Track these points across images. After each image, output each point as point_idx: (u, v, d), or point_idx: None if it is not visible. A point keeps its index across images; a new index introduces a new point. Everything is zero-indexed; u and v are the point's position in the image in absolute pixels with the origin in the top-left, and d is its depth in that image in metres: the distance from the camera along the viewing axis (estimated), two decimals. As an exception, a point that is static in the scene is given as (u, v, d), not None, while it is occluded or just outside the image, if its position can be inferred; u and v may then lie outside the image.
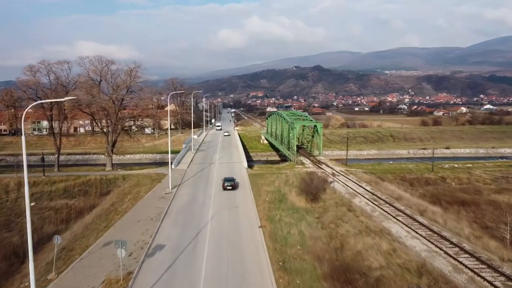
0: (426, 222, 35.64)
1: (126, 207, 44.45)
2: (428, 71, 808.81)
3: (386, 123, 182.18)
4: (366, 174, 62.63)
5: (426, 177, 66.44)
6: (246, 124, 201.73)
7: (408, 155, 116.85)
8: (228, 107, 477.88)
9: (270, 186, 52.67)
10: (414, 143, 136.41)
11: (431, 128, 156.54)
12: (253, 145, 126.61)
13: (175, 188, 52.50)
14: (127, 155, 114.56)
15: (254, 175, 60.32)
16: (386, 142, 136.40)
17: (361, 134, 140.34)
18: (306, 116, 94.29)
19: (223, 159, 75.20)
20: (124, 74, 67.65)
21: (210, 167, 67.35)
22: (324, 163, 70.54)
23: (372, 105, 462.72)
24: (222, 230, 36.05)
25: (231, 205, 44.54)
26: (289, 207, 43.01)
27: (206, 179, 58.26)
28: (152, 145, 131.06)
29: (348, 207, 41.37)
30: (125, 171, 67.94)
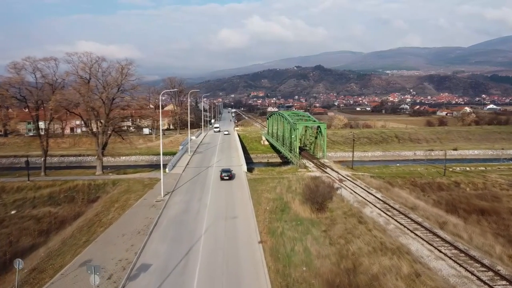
0: (449, 238, 31.28)
1: (111, 217, 40.13)
2: (430, 71, 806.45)
3: (390, 124, 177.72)
4: (375, 179, 58.28)
5: (439, 182, 62.00)
6: (246, 125, 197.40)
7: (414, 156, 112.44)
8: (229, 107, 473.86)
9: (271, 193, 48.34)
10: (420, 144, 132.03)
11: (436, 129, 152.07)
12: (254, 146, 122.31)
13: (167, 195, 48.24)
14: (122, 156, 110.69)
15: (253, 180, 56.00)
16: (391, 143, 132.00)
17: (365, 135, 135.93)
18: (309, 116, 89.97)
19: (221, 162, 70.90)
20: (115, 72, 63.32)
21: (207, 171, 63.06)
22: (329, 167, 66.20)
23: (374, 105, 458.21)
24: (217, 247, 31.76)
25: (228, 214, 40.27)
26: (292, 218, 38.69)
27: (202, 184, 53.98)
28: (149, 146, 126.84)
29: (358, 219, 37.03)
30: (116, 176, 63.65)
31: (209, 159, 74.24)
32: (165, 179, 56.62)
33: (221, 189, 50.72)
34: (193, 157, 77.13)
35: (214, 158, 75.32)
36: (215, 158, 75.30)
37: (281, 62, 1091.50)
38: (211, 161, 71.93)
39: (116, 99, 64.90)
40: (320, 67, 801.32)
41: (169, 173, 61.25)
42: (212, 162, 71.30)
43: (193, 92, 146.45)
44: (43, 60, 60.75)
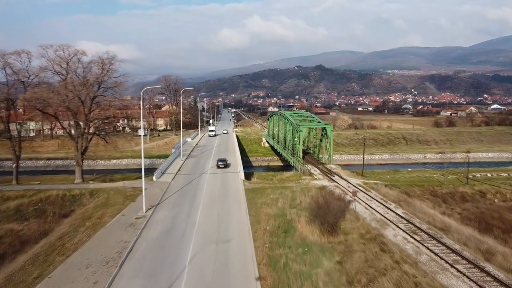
0: (502, 277, 24.17)
1: (78, 241, 33.04)
2: (431, 70, 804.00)
3: (396, 124, 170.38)
4: (390, 189, 51.17)
5: (461, 192, 54.81)
6: (246, 125, 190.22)
7: (424, 160, 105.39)
8: (229, 107, 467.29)
9: (272, 207, 41.22)
10: (429, 146, 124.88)
11: (445, 130, 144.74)
12: (253, 148, 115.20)
13: (151, 209, 41.14)
14: (113, 160, 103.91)
15: (252, 190, 48.85)
16: (398, 145, 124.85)
17: (371, 136, 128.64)
18: (313, 117, 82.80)
19: (217, 169, 63.78)
20: (96, 67, 56.10)
21: (200, 179, 55.90)
22: (337, 174, 59.06)
23: (376, 105, 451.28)
24: (204, 284, 24.77)
25: (220, 236, 33.21)
26: (297, 242, 31.63)
27: (192, 195, 46.86)
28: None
29: (380, 245, 29.93)
30: (96, 184, 56.40)
31: (203, 165, 67.09)
32: (151, 189, 49.73)
33: (214, 202, 43.62)
34: (186, 162, 69.97)
35: (209, 163, 68.17)
36: (210, 163, 68.14)
37: (281, 62, 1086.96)
38: (205, 167, 64.76)
39: (97, 98, 57.76)
40: (321, 67, 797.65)
41: (156, 182, 54.13)
42: (206, 168, 64.15)
43: (187, 91, 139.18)
44: (13, 53, 53.60)
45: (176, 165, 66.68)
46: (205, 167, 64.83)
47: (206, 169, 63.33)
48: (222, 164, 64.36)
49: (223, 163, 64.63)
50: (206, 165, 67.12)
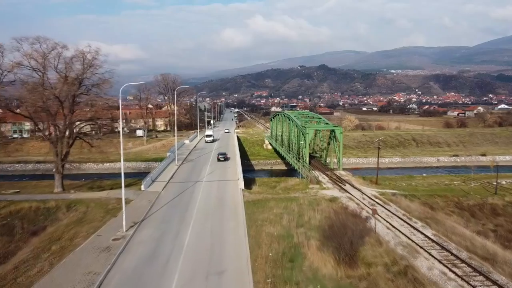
0: None
1: (36, 272, 26.82)
2: (435, 70, 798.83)
3: (405, 125, 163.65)
4: (411, 201, 44.77)
5: (491, 204, 48.28)
6: (248, 126, 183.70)
7: (438, 163, 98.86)
8: (232, 107, 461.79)
9: (276, 225, 34.89)
10: (441, 148, 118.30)
11: (456, 131, 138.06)
12: (256, 150, 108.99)
13: (133, 227, 34.94)
14: (106, 163, 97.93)
15: (252, 203, 42.51)
16: (408, 147, 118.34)
17: (379, 138, 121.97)
18: (320, 118, 76.35)
19: (214, 175, 57.53)
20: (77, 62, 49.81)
21: (194, 188, 49.60)
22: (348, 182, 52.65)
23: (380, 105, 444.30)
24: None
25: (212, 266, 26.95)
26: (307, 276, 25.33)
27: (184, 209, 40.60)
28: (139, 150, 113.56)
29: (414, 283, 23.54)
30: (78, 194, 50.11)
31: (199, 171, 60.75)
32: (137, 202, 43.55)
33: (208, 218, 37.34)
34: (181, 168, 63.67)
35: (205, 169, 61.85)
36: (206, 169, 61.83)
37: (284, 61, 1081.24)
38: (201, 174, 58.43)
39: (79, 97, 51.62)
40: (324, 67, 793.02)
41: (144, 192, 47.92)
42: (202, 175, 57.82)
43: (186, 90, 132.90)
44: (-20, 46, 47.49)
45: (170, 171, 60.43)
46: (201, 174, 58.53)
47: (202, 175, 57.03)
48: (222, 158, 71.80)
49: (223, 156, 72.50)
50: (202, 171, 60.83)
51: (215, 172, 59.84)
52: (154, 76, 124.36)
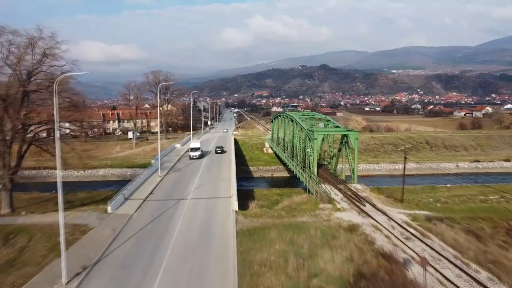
0: None
1: None
2: (437, 70, 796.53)
3: (416, 127, 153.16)
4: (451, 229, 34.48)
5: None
6: (248, 127, 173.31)
7: (457, 170, 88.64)
8: (232, 107, 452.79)
9: (278, 273, 24.71)
10: (458, 152, 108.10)
11: (472, 133, 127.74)
12: (255, 155, 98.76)
13: (79, 276, 24.86)
14: (88, 170, 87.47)
15: (248, 233, 32.39)
16: (422, 151, 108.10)
17: (389, 141, 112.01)
18: (328, 119, 65.99)
19: (203, 190, 47.38)
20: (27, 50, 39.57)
21: (176, 209, 39.42)
22: (367, 200, 42.47)
23: (383, 105, 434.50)
24: None
25: None
26: None
27: (156, 244, 30.37)
28: (126, 155, 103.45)
29: None
30: (28, 218, 39.58)
31: (186, 184, 50.55)
32: (98, 231, 33.44)
33: (186, 260, 27.20)
34: (165, 180, 53.44)
35: (193, 182, 51.65)
36: (195, 182, 51.63)
37: (285, 61, 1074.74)
38: (187, 188, 48.24)
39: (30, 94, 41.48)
40: (325, 67, 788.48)
41: (111, 215, 37.75)
42: (188, 189, 47.63)
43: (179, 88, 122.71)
44: None
45: (150, 184, 50.28)
46: (187, 188, 48.34)
47: (188, 191, 46.85)
48: (220, 150, 78.58)
49: (220, 149, 79.07)
50: (190, 184, 50.62)
51: (204, 185, 49.67)
52: (145, 73, 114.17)
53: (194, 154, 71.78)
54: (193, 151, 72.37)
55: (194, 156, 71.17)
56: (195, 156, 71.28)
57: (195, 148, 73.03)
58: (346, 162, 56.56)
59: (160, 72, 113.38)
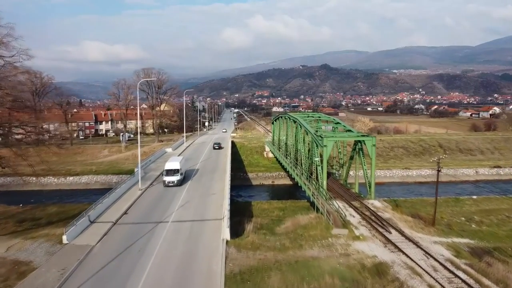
0: None
1: None
2: (438, 70, 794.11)
3: (427, 128, 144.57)
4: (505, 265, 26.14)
5: None
6: (247, 128, 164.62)
7: (476, 176, 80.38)
8: (232, 107, 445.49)
9: None
10: (474, 156, 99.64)
11: (486, 134, 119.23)
12: (254, 160, 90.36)
13: None
14: (69, 177, 79.38)
15: (240, 278, 24.07)
16: (435, 155, 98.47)
17: (399, 144, 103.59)
18: (338, 122, 57.35)
19: (189, 209, 39.00)
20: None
21: (150, 238, 30.98)
22: (391, 223, 34.09)
23: (386, 105, 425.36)
24: None
25: None
26: None
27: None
28: (114, 159, 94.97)
29: None
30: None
31: (170, 201, 42.11)
32: (42, 272, 25.15)
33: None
34: (145, 195, 44.95)
35: (179, 198, 43.19)
36: (181, 198, 43.16)
37: (286, 61, 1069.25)
38: (170, 206, 39.80)
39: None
40: (326, 66, 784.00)
41: (67, 247, 29.38)
42: (171, 208, 39.18)
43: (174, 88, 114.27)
44: None
45: (127, 200, 41.91)
46: (170, 205, 39.92)
47: (171, 209, 38.43)
48: (217, 146, 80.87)
49: (217, 145, 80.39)
50: (174, 200, 42.22)
51: (192, 202, 41.25)
52: (135, 71, 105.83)
53: (171, 179, 47.84)
54: (169, 175, 48.15)
55: (170, 183, 47.69)
56: (172, 183, 47.68)
57: (172, 171, 48.51)
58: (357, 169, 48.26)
59: (152, 69, 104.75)
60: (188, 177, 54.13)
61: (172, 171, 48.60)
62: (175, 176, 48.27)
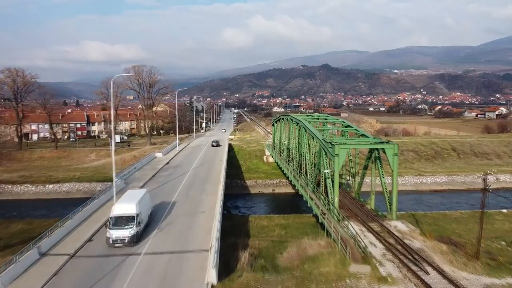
0: None
1: None
2: (439, 70, 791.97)
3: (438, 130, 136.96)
4: None
5: None
6: (247, 129, 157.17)
7: (497, 183, 72.84)
8: (232, 107, 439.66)
9: None
10: (491, 160, 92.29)
11: (501, 137, 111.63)
12: (253, 165, 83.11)
13: None
14: (49, 184, 72.09)
15: None
16: (448, 159, 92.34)
17: (409, 147, 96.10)
18: (348, 125, 49.70)
19: (169, 234, 31.57)
20: None
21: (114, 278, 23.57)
22: (424, 256, 26.67)
23: (389, 105, 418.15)
24: None
25: None
26: None
27: None
28: (101, 164, 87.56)
29: None
30: None
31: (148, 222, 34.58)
32: None
33: None
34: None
35: (160, 217, 35.71)
36: (162, 218, 35.68)
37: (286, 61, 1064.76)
38: (147, 230, 32.33)
39: None
40: (327, 66, 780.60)
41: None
42: (147, 233, 31.71)
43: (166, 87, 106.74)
44: None
45: (95, 221, 34.39)
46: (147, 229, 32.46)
47: (146, 236, 30.96)
48: (215, 144, 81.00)
49: (216, 143, 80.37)
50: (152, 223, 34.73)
51: (174, 224, 33.78)
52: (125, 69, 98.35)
53: (119, 235, 28.70)
54: (117, 227, 29.13)
55: (118, 242, 28.64)
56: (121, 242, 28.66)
57: (122, 219, 29.55)
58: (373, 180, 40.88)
59: (144, 67, 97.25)
60: (175, 189, 46.73)
61: (122, 219, 29.37)
62: (127, 228, 28.90)
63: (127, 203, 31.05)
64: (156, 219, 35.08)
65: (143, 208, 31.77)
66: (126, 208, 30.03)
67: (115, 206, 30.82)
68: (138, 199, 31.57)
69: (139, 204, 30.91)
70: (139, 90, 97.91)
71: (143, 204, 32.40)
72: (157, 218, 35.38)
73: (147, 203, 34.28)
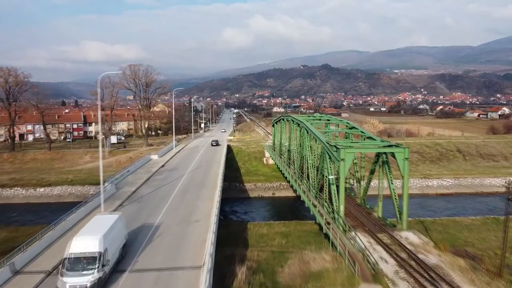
0: None
1: None
2: (439, 70, 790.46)
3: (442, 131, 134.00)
4: None
5: None
6: (247, 130, 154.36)
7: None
8: (232, 107, 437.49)
9: None
10: (498, 162, 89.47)
11: (507, 138, 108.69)
12: (252, 167, 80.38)
13: None
14: (40, 188, 69.23)
15: None
16: (453, 161, 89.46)
17: (413, 148, 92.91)
18: (353, 127, 46.77)
19: (160, 246, 28.78)
20: None
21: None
22: (441, 274, 23.88)
23: (389, 105, 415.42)
24: None
25: None
26: None
27: None
28: (95, 166, 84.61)
29: None
30: None
31: (137, 233, 31.78)
32: None
33: None
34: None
35: (150, 227, 32.94)
36: (153, 228, 32.90)
37: (286, 61, 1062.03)
38: (134, 242, 29.54)
39: None
40: (327, 66, 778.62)
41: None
42: (135, 247, 28.91)
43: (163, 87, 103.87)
44: None
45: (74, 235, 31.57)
46: (134, 242, 29.67)
47: (133, 251, 28.13)
48: (215, 143, 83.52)
49: (215, 142, 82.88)
50: (143, 231, 31.96)
51: (165, 234, 30.97)
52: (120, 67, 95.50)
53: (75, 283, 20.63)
54: (74, 272, 21.10)
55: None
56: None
57: (80, 260, 21.59)
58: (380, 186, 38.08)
59: (140, 66, 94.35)
60: (169, 194, 43.94)
61: (80, 261, 21.65)
62: (86, 273, 21.08)
63: (88, 236, 22.94)
64: (146, 229, 32.24)
65: (112, 241, 23.89)
66: (87, 245, 22.06)
67: (72, 241, 22.66)
68: (105, 231, 23.58)
69: (105, 237, 22.96)
70: (135, 89, 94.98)
71: (113, 236, 24.54)
72: (147, 228, 32.54)
73: (118, 233, 26.04)
